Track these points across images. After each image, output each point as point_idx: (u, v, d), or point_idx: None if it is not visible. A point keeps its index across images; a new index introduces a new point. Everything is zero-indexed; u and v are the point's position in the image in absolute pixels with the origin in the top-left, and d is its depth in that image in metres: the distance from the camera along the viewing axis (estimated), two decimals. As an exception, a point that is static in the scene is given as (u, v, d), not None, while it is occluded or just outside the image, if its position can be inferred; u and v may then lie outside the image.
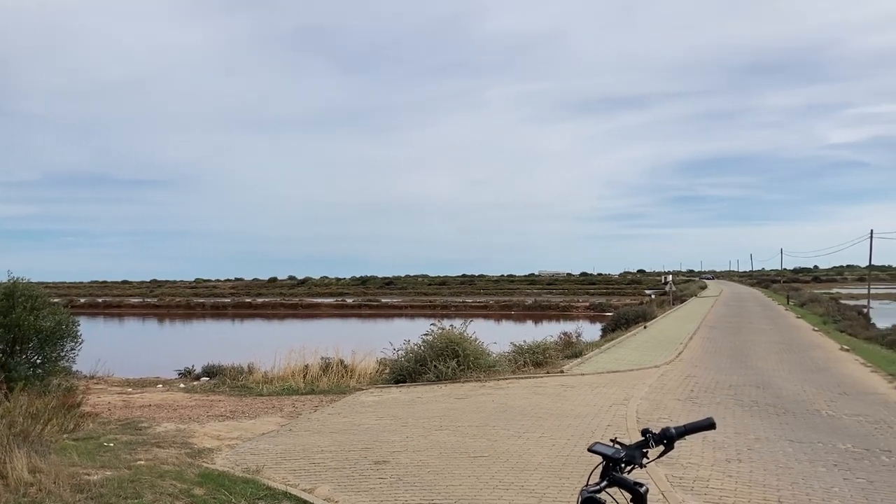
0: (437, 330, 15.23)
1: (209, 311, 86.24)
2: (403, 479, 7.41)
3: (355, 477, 7.55)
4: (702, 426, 2.73)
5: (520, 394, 12.92)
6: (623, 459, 2.54)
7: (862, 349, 24.01)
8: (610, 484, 2.48)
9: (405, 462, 8.12)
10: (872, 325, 35.69)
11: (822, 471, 8.02)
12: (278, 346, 19.14)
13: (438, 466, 7.90)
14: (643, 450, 2.60)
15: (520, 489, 6.98)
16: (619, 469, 2.53)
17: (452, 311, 70.60)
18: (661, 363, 17.78)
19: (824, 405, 12.76)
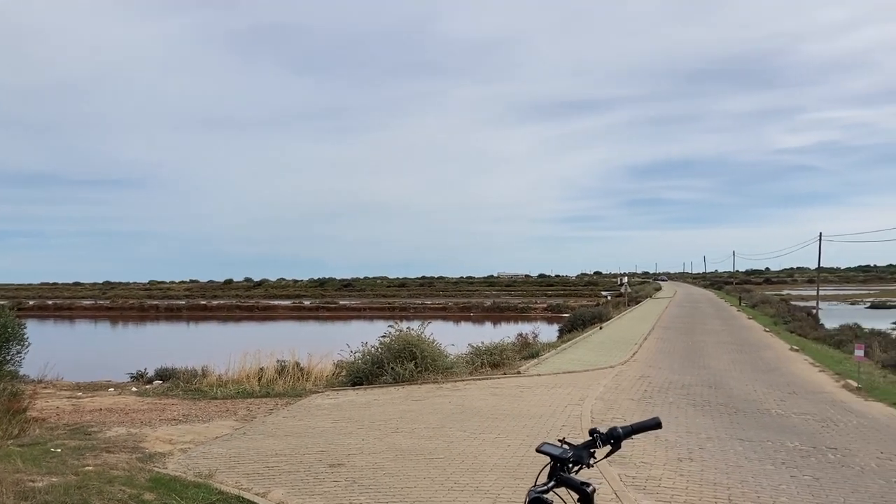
0: (394, 332, 15.19)
1: (163, 314, 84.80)
2: (358, 482, 7.37)
3: (310, 480, 7.49)
4: (648, 426, 2.76)
5: (477, 395, 12.95)
6: (571, 459, 2.56)
7: (811, 349, 24.61)
8: (557, 484, 2.50)
9: (360, 465, 8.08)
10: (821, 326, 36.58)
11: (771, 469, 8.18)
12: (233, 349, 18.88)
13: (394, 469, 7.88)
14: (591, 450, 2.62)
15: (475, 490, 7.00)
16: (567, 469, 2.55)
17: (411, 312, 70.45)
18: (616, 363, 17.98)
19: (774, 404, 13.03)
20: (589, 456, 2.61)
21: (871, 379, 16.65)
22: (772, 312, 45.39)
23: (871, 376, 17.23)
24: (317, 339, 38.32)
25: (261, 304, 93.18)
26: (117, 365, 23.10)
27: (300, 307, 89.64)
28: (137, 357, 25.55)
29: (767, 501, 6.86)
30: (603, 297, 76.56)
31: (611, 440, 2.66)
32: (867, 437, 10.32)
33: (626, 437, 2.68)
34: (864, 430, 10.81)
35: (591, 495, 2.49)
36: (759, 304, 55.60)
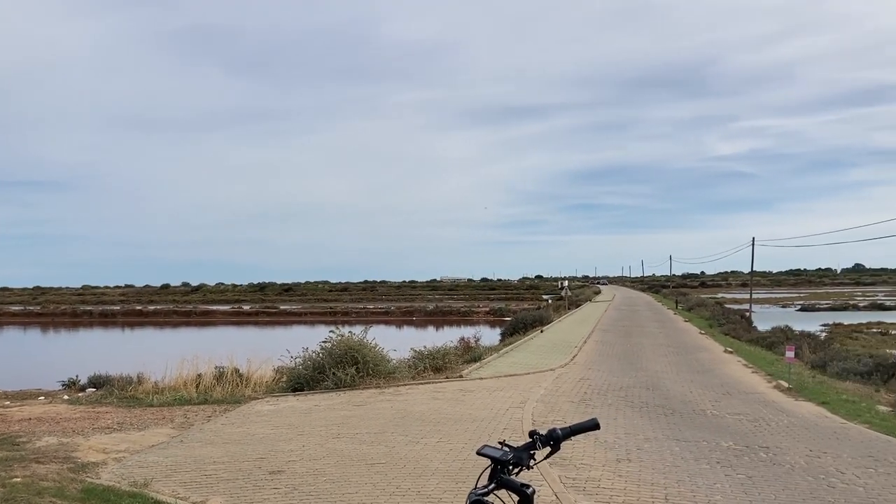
0: (336, 336, 15.07)
1: (97, 320, 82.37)
2: (299, 489, 7.28)
3: (249, 488, 7.37)
4: (587, 427, 2.79)
5: (419, 399, 12.94)
6: (511, 461, 2.57)
7: (744, 351, 25.30)
8: (498, 486, 2.51)
9: (301, 471, 7.99)
10: (754, 328, 37.64)
11: (707, 468, 8.37)
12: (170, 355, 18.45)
13: (335, 475, 7.81)
14: (531, 451, 2.64)
15: (416, 494, 6.98)
16: (507, 471, 2.56)
17: (353, 317, 69.93)
18: (556, 366, 18.17)
19: (709, 405, 13.35)
20: (529, 458, 2.63)
21: (801, 379, 17.19)
22: (707, 315, 46.52)
23: (801, 377, 17.80)
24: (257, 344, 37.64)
25: (199, 309, 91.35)
26: (48, 373, 22.38)
27: (239, 312, 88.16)
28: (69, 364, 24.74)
29: (703, 500, 7.02)
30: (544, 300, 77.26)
31: (550, 441, 2.69)
32: (797, 435, 10.66)
33: (566, 439, 2.71)
34: (794, 429, 11.16)
35: (531, 497, 2.50)
36: (695, 307, 56.96)
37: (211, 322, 77.09)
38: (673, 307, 58.28)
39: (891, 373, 19.03)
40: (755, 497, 7.20)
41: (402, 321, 72.42)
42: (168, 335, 63.11)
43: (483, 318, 71.79)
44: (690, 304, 61.34)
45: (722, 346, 26.55)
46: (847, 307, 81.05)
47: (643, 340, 27.91)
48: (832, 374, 19.20)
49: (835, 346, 28.43)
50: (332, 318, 67.93)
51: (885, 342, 41.07)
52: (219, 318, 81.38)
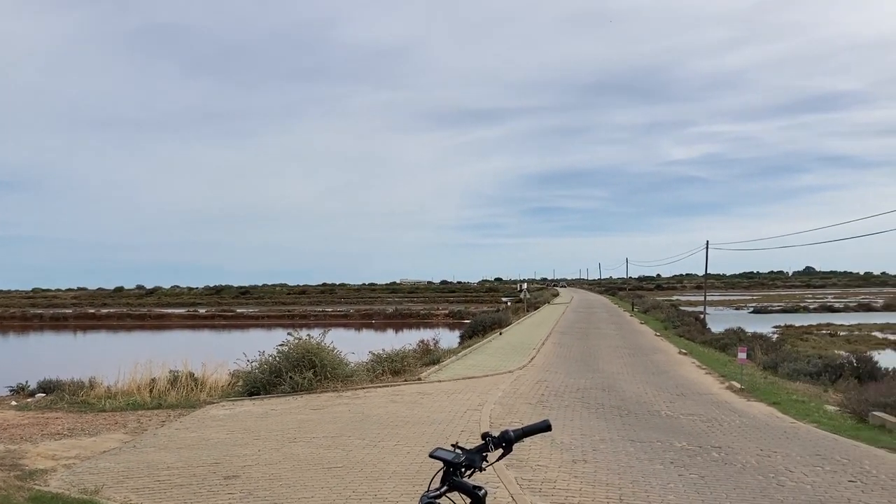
0: (293, 340, 14.94)
1: (48, 323, 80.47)
2: (254, 494, 7.21)
3: (203, 493, 7.27)
4: (539, 428, 2.81)
5: (377, 403, 12.90)
6: (463, 464, 2.58)
7: (698, 352, 25.73)
8: (450, 489, 2.51)
9: (256, 476, 7.90)
10: (708, 330, 38.29)
11: (660, 468, 8.50)
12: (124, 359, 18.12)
13: (291, 479, 7.75)
14: (483, 453, 2.65)
15: (373, 498, 6.96)
16: (460, 473, 2.57)
17: (312, 320, 69.46)
18: (514, 368, 18.27)
19: (664, 406, 13.54)
20: (481, 459, 2.64)
21: (752, 380, 17.55)
22: (662, 317, 47.19)
23: (753, 377, 18.17)
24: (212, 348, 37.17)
25: (153, 312, 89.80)
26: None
27: (195, 316, 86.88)
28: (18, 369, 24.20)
29: (656, 500, 7.12)
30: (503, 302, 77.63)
31: (502, 443, 2.70)
32: (748, 435, 10.87)
33: (518, 440, 2.73)
34: (745, 429, 11.38)
35: (483, 499, 2.52)
36: (650, 309, 57.73)
37: (166, 326, 75.80)
38: (629, 309, 59.02)
39: (839, 373, 19.50)
40: (707, 496, 7.32)
41: (361, 324, 72.10)
42: (122, 339, 61.95)
43: (443, 320, 71.86)
44: (646, 306, 62.17)
45: (677, 347, 26.96)
46: (798, 309, 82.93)
47: (600, 342, 28.21)
48: (783, 375, 19.61)
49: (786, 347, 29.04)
50: (290, 321, 67.35)
51: (834, 343, 42.12)
52: (174, 322, 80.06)
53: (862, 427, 11.92)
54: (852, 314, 74.58)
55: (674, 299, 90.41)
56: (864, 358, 21.51)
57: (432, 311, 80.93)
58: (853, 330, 52.46)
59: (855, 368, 19.65)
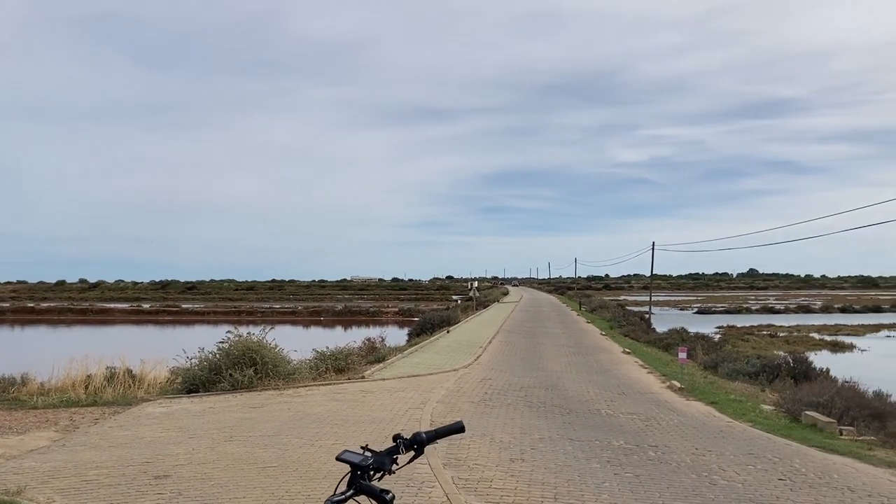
0: (233, 337, 14.68)
1: (-18, 317, 78.01)
2: (184, 494, 7.03)
3: (131, 494, 7.07)
4: (452, 430, 2.76)
5: (318, 401, 12.76)
6: (372, 466, 2.51)
7: (642, 352, 26.09)
8: (357, 492, 2.45)
9: (188, 475, 7.72)
10: (652, 330, 38.89)
11: (597, 467, 8.55)
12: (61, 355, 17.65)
13: (224, 479, 7.59)
14: (393, 456, 2.59)
15: (306, 498, 6.85)
16: (369, 477, 2.51)
17: (259, 316, 68.61)
18: (460, 367, 18.26)
19: (604, 405, 13.67)
20: (391, 462, 2.58)
21: (693, 379, 17.85)
22: (609, 317, 47.80)
23: (694, 377, 18.48)
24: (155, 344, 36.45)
25: (95, 307, 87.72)
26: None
27: (139, 310, 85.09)
28: (-52, 365, 23.28)
29: (591, 499, 7.15)
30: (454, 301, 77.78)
31: (414, 445, 2.64)
32: (685, 434, 11.03)
33: (430, 442, 2.67)
34: (683, 428, 11.54)
35: (390, 502, 2.46)
36: (597, 308, 58.44)
37: (108, 321, 74.07)
38: (577, 309, 59.65)
39: (776, 373, 19.96)
40: (641, 495, 7.39)
41: (309, 321, 71.53)
42: (61, 334, 60.33)
43: (392, 318, 71.70)
44: (593, 305, 62.93)
45: (621, 346, 27.30)
46: (741, 310, 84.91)
47: (546, 341, 28.41)
48: (723, 375, 20.00)
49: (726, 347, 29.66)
50: (237, 317, 66.45)
51: (774, 344, 43.21)
52: (117, 317, 78.33)
53: (795, 426, 12.21)
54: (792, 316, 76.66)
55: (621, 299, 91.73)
56: (801, 359, 22.05)
57: (382, 309, 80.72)
58: (792, 331, 53.90)
59: (791, 369, 20.15)
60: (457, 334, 30.14)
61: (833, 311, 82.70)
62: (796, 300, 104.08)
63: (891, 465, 9.18)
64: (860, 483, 8.14)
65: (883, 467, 9.08)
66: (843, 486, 7.98)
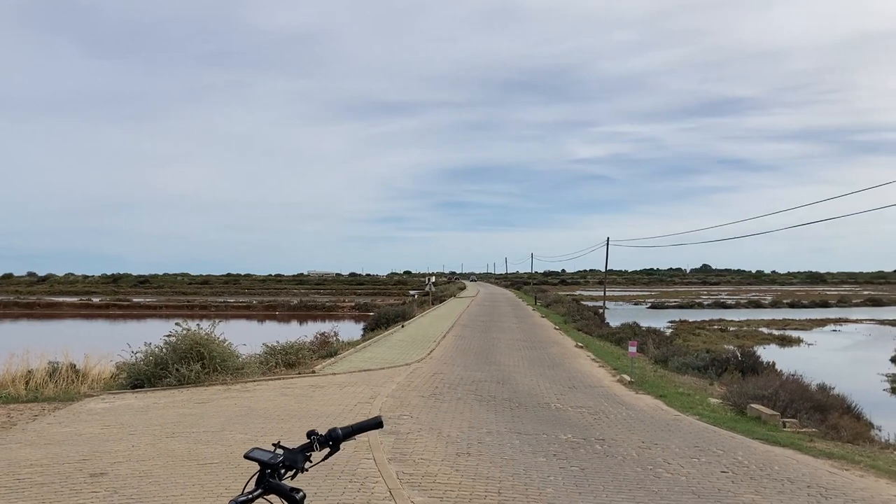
0: (180, 331, 14.40)
1: (-77, 311, 75.59)
2: (120, 492, 6.84)
3: (65, 493, 6.85)
4: (369, 426, 2.69)
5: (266, 396, 12.57)
6: (283, 464, 2.43)
7: (594, 346, 26.31)
8: (265, 491, 2.35)
9: (125, 473, 7.51)
10: (606, 324, 39.30)
11: (543, 461, 8.56)
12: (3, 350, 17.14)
13: (163, 476, 7.40)
14: (307, 453, 2.51)
15: (246, 495, 6.70)
16: (279, 475, 2.42)
17: (213, 311, 67.50)
18: (412, 361, 18.19)
19: (554, 398, 13.72)
20: (304, 460, 2.49)
21: (643, 373, 18.03)
22: (563, 311, 48.16)
23: (644, 371, 18.68)
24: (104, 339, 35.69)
25: (43, 300, 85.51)
26: None
27: (88, 304, 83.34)
28: None
29: (535, 493, 7.14)
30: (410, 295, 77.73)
31: (329, 442, 2.56)
32: (633, 427, 11.12)
33: (346, 438, 2.59)
34: (630, 422, 11.64)
35: (301, 502, 2.37)
36: (552, 303, 58.85)
37: (56, 315, 72.32)
38: (532, 303, 59.98)
39: (724, 367, 20.32)
40: (585, 489, 7.40)
41: (264, 316, 70.81)
42: (5, 328, 58.76)
43: (348, 313, 71.35)
44: (549, 300, 63.36)
45: (574, 341, 27.49)
46: (693, 305, 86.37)
47: (501, 336, 28.48)
48: (673, 369, 20.28)
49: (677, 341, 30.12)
50: (190, 311, 65.43)
51: (724, 338, 43.99)
52: (66, 311, 76.55)
53: (740, 419, 12.41)
54: (743, 310, 78.23)
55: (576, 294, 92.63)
56: (748, 353, 22.50)
57: (338, 304, 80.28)
58: (742, 325, 55.00)
59: (739, 363, 20.55)
60: (412, 329, 30.06)
61: (782, 306, 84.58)
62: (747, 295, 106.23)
63: (830, 457, 9.36)
64: (800, 474, 8.28)
65: (822, 458, 9.25)
66: (784, 477, 8.10)
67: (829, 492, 7.54)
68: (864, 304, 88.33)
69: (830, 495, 7.40)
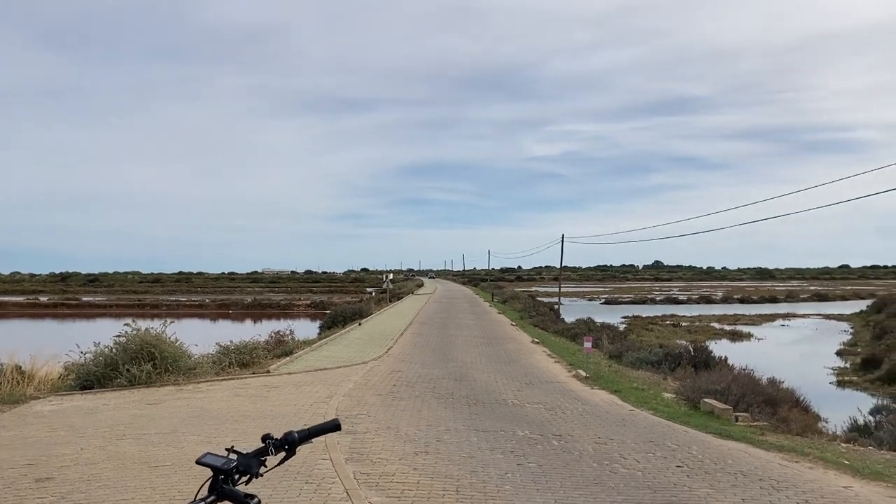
0: (131, 330, 14.07)
1: None
2: (67, 497, 6.64)
3: (8, 499, 6.62)
4: (326, 428, 2.62)
5: (219, 397, 12.36)
6: (237, 470, 2.34)
7: (550, 342, 26.47)
8: (219, 498, 2.27)
9: (73, 477, 7.30)
10: (561, 320, 39.56)
11: (500, 458, 8.55)
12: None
13: (113, 480, 7.20)
14: (261, 458, 2.43)
15: (199, 499, 6.56)
16: (233, 481, 2.33)
17: (164, 310, 66.37)
18: (369, 359, 18.09)
19: (511, 395, 13.75)
20: (259, 464, 2.41)
21: (598, 369, 18.18)
22: (520, 308, 48.40)
23: (599, 366, 18.83)
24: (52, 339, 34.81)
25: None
26: None
27: (35, 304, 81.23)
28: None
29: (493, 490, 7.12)
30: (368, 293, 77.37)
31: (285, 446, 2.48)
32: (588, 423, 11.18)
33: (303, 442, 2.52)
34: (586, 417, 11.71)
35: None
36: (509, 299, 59.10)
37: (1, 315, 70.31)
38: (489, 300, 60.20)
39: (678, 362, 20.59)
40: (543, 485, 7.41)
41: (217, 315, 69.81)
42: (-52, 329, 56.90)
43: (304, 311, 70.72)
44: (505, 296, 63.62)
45: (530, 337, 27.64)
46: (646, 301, 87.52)
47: (458, 332, 28.50)
48: (627, 364, 20.47)
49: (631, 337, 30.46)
50: (141, 310, 64.31)
51: (676, 333, 44.70)
52: (11, 311, 74.39)
53: (694, 413, 12.57)
54: (695, 306, 79.52)
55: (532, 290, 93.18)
56: (701, 348, 22.85)
57: (294, 302, 79.51)
58: (694, 321, 55.91)
59: (692, 357, 20.83)
60: (369, 327, 29.91)
61: (732, 301, 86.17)
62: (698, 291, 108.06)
63: (781, 450, 9.53)
64: (752, 467, 8.41)
65: (774, 451, 9.41)
66: (737, 471, 8.22)
67: (780, 484, 7.67)
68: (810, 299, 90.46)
69: (781, 487, 7.52)
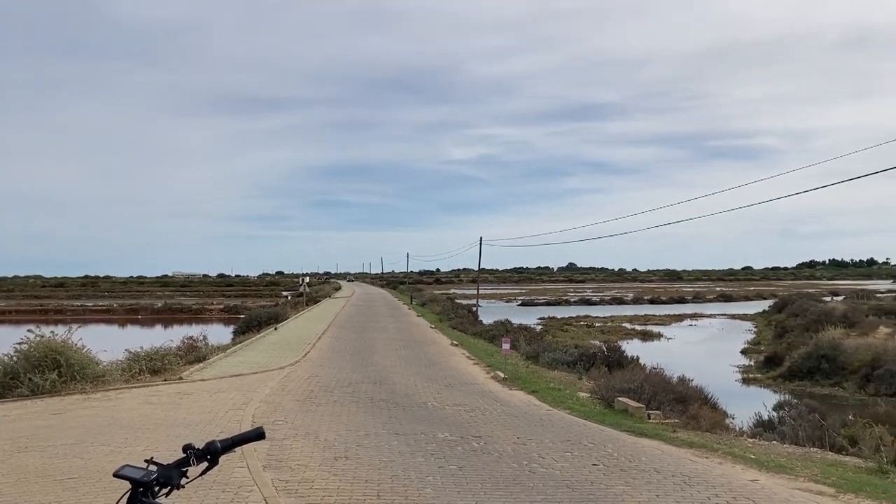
0: (34, 337, 13.45)
1: None
2: (-36, 516, 6.29)
3: None
4: (250, 437, 2.56)
5: (130, 405, 11.94)
6: (157, 482, 2.27)
7: (469, 343, 26.63)
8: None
9: (-30, 495, 6.91)
10: (479, 322, 39.88)
11: (421, 461, 8.54)
12: None
13: (14, 495, 6.86)
14: (182, 469, 2.36)
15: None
16: (153, 493, 2.25)
17: (69, 315, 63.69)
18: (286, 364, 17.82)
19: (431, 397, 13.77)
20: (180, 475, 2.34)
21: (516, 370, 18.40)
22: (439, 310, 48.55)
23: (517, 367, 19.06)
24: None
25: None
26: None
27: (-73, 310, 76.54)
28: None
29: (414, 494, 7.11)
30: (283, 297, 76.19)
31: (207, 455, 2.41)
32: (507, 423, 11.30)
33: (226, 451, 2.45)
34: (505, 418, 11.82)
35: (176, 522, 2.22)
36: (428, 302, 59.24)
37: None
38: (408, 302, 60.18)
39: (592, 362, 21.03)
40: (463, 487, 7.44)
41: (125, 320, 67.53)
42: None
43: (217, 315, 69.08)
44: (424, 299, 63.75)
45: (449, 339, 27.73)
46: (561, 302, 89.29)
47: (377, 335, 28.37)
48: (543, 364, 20.77)
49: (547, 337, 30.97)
50: (44, 316, 61.56)
51: (590, 333, 45.77)
52: None
53: (608, 412, 12.85)
54: (607, 307, 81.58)
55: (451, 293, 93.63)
56: (614, 348, 23.42)
57: (206, 306, 77.56)
58: (607, 321, 57.34)
59: (606, 357, 21.31)
60: (285, 331, 29.46)
61: (643, 302, 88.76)
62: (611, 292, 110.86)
63: (692, 446, 9.85)
64: (665, 464, 8.65)
65: (685, 448, 9.72)
66: (651, 468, 8.44)
67: (692, 479, 7.92)
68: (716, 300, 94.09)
69: (693, 482, 7.77)
